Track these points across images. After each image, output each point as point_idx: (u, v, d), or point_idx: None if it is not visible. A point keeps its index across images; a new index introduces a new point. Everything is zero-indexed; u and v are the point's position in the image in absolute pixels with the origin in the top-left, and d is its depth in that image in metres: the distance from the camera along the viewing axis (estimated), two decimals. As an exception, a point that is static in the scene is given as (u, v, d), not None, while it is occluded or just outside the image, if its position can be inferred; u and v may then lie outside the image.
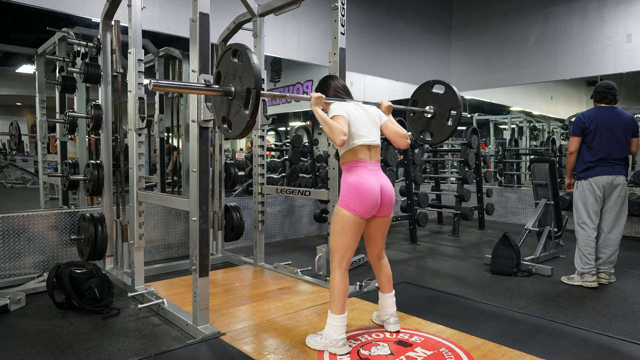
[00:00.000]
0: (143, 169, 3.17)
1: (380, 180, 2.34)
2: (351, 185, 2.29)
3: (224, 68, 2.17)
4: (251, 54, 1.99)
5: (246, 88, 2.01)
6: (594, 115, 3.57)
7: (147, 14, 4.24)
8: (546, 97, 8.27)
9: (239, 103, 2.07)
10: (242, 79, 2.04)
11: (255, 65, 1.96)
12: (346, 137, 2.22)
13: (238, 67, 2.06)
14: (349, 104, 2.40)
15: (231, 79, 2.12)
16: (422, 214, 5.57)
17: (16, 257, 3.55)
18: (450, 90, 2.99)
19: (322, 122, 2.27)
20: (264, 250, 4.16)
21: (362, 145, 2.34)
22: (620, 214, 3.62)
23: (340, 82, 2.55)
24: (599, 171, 3.54)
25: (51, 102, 4.60)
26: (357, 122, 2.35)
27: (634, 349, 2.39)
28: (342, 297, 2.29)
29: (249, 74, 1.97)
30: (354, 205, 2.26)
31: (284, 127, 9.14)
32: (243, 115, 2.04)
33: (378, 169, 2.39)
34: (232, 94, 2.11)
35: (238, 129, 2.11)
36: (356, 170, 2.32)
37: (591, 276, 3.58)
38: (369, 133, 2.38)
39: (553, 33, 6.59)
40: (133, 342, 2.46)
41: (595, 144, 3.54)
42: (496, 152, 8.43)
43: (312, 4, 5.66)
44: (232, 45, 2.11)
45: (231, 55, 2.11)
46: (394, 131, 2.50)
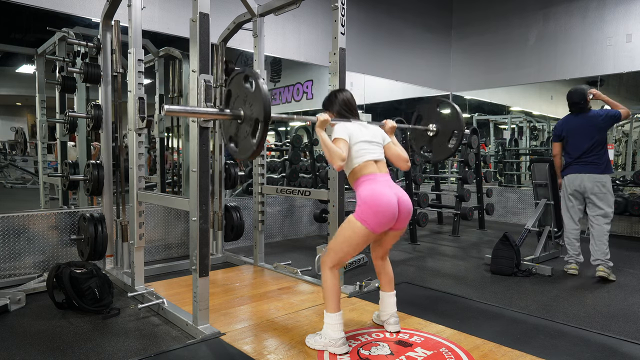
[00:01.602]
0: (143, 169, 3.18)
1: (396, 192, 2.29)
2: (365, 200, 2.23)
3: (234, 89, 2.19)
4: (263, 85, 1.99)
5: (255, 118, 2.03)
6: (565, 124, 4.04)
7: (147, 14, 4.24)
8: (546, 97, 8.26)
9: (247, 129, 2.09)
10: (252, 106, 2.06)
11: (266, 97, 1.97)
12: (344, 163, 2.24)
13: (249, 93, 2.08)
14: (352, 125, 2.41)
15: (241, 102, 2.13)
16: (422, 214, 5.57)
17: (16, 257, 3.55)
18: (455, 112, 3.01)
19: (323, 145, 2.29)
20: (264, 250, 4.16)
21: (368, 161, 2.34)
22: (598, 209, 3.84)
23: (346, 96, 2.54)
24: (572, 170, 3.96)
25: (51, 102, 4.59)
26: (360, 141, 2.35)
27: (634, 349, 2.39)
28: (335, 295, 2.29)
29: (259, 104, 1.99)
30: (368, 219, 2.20)
31: (284, 127, 9.14)
32: (250, 143, 2.08)
33: (390, 179, 2.36)
34: (241, 118, 2.13)
35: (244, 154, 2.15)
36: (369, 184, 2.29)
37: (569, 264, 4.03)
38: (373, 150, 2.38)
39: (553, 33, 6.59)
40: (133, 342, 2.46)
41: (569, 148, 3.99)
42: (496, 152, 8.43)
43: (312, 4, 5.66)
44: (245, 70, 2.12)
45: (243, 80, 2.12)
46: (396, 153, 2.52)
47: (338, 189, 3.18)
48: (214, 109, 2.24)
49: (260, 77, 2.01)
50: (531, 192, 5.43)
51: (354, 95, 2.57)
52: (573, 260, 4.01)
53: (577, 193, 3.94)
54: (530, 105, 8.68)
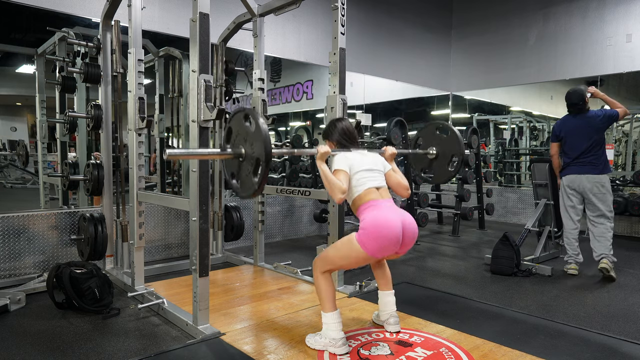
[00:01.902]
0: (143, 169, 3.18)
1: (401, 217, 2.25)
2: (370, 223, 2.19)
3: (235, 126, 2.20)
4: (263, 125, 2.00)
5: (256, 157, 2.05)
6: (563, 124, 4.05)
7: (147, 14, 4.24)
8: (546, 97, 8.27)
9: (249, 168, 2.11)
10: (252, 146, 2.08)
11: (266, 137, 1.99)
12: (344, 195, 2.24)
13: (249, 132, 2.09)
14: (352, 154, 2.41)
15: (242, 140, 2.14)
16: (422, 214, 5.56)
17: (16, 257, 3.55)
18: (454, 136, 3.02)
19: (323, 178, 2.29)
20: (264, 250, 4.16)
21: (369, 188, 2.33)
22: (598, 209, 3.87)
23: (345, 125, 2.54)
24: (570, 170, 3.98)
25: (51, 102, 4.59)
26: (361, 170, 2.35)
27: (634, 349, 2.39)
28: (330, 296, 2.30)
29: (260, 144, 2.00)
30: (369, 244, 2.17)
31: (284, 127, 9.14)
32: (252, 182, 2.09)
33: (393, 204, 2.34)
34: (242, 156, 2.14)
35: (246, 192, 2.15)
36: (372, 210, 2.25)
37: (568, 264, 4.02)
38: (374, 177, 2.38)
39: (553, 33, 6.59)
40: (133, 342, 2.46)
41: (567, 149, 4.00)
42: (496, 152, 8.43)
43: (312, 4, 5.66)
44: (245, 110, 2.13)
45: (243, 118, 2.13)
46: (396, 181, 2.51)
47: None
48: (215, 149, 2.28)
49: (260, 117, 2.03)
50: (531, 192, 5.43)
51: (356, 137, 2.56)
52: (572, 260, 4.01)
53: (576, 193, 3.96)
54: (530, 105, 8.68)
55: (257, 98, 3.86)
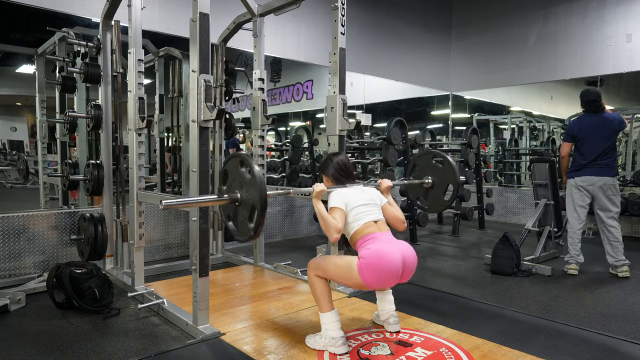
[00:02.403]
0: (143, 169, 3.17)
1: (401, 250, 2.23)
2: (369, 257, 2.17)
3: (231, 170, 2.21)
4: (258, 173, 2.02)
5: (251, 205, 2.06)
6: (580, 124, 3.93)
7: (147, 14, 4.24)
8: (546, 97, 8.26)
9: (245, 213, 2.12)
10: (248, 192, 2.09)
11: (262, 185, 2.00)
12: (339, 235, 2.23)
13: (245, 178, 2.10)
14: (348, 190, 2.41)
15: (237, 185, 2.16)
16: (422, 214, 5.56)
17: (16, 257, 3.55)
18: (450, 166, 3.02)
19: (319, 216, 2.30)
20: (264, 250, 4.16)
21: (367, 222, 2.32)
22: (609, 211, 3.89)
23: (341, 160, 2.55)
24: (586, 172, 3.89)
25: (51, 102, 4.59)
26: (357, 206, 2.35)
27: (634, 349, 2.39)
28: (325, 296, 2.30)
29: (255, 191, 2.02)
30: (368, 276, 2.16)
31: (284, 127, 9.14)
32: (247, 227, 2.10)
33: (393, 237, 2.33)
34: (238, 201, 2.16)
35: (243, 237, 2.17)
36: (371, 243, 2.24)
37: (569, 264, 4.00)
38: (371, 212, 2.37)
39: (553, 33, 6.59)
40: (133, 342, 2.46)
41: (584, 150, 3.89)
42: (496, 152, 8.43)
43: (312, 4, 5.66)
44: (240, 156, 2.14)
45: (239, 164, 2.14)
46: (393, 215, 2.50)
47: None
48: (212, 196, 2.27)
49: (255, 165, 2.04)
50: (531, 192, 5.43)
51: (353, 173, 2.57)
52: (573, 261, 4.00)
53: (588, 194, 3.91)
54: (530, 105, 8.67)
55: (257, 98, 3.86)
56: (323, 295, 2.30)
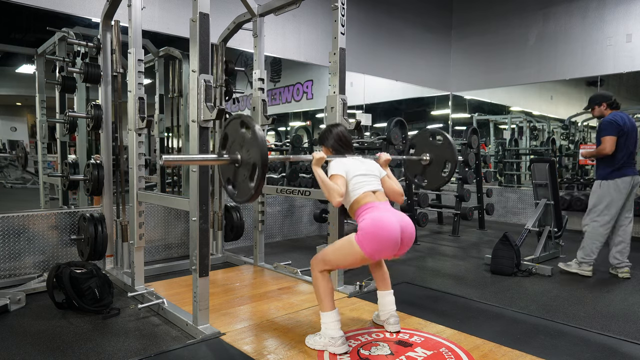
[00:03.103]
0: (143, 169, 3.18)
1: (399, 219, 2.26)
2: (368, 225, 2.20)
3: (231, 132, 2.20)
4: (259, 132, 2.02)
5: (252, 163, 2.05)
6: (624, 118, 3.73)
7: (147, 14, 4.24)
8: (546, 97, 8.26)
9: (245, 173, 2.11)
10: (249, 152, 2.08)
11: (263, 144, 2.00)
12: (342, 199, 2.26)
13: (246, 138, 2.10)
14: (348, 160, 2.42)
15: (238, 146, 2.15)
16: (422, 214, 5.56)
17: (16, 257, 3.55)
18: (448, 142, 3.03)
19: (320, 182, 2.31)
20: (264, 250, 4.16)
21: (366, 192, 2.34)
22: (629, 211, 3.87)
23: (340, 131, 2.55)
24: (625, 172, 3.74)
25: (51, 102, 4.59)
26: (358, 175, 2.37)
27: (634, 349, 2.39)
28: (328, 295, 2.30)
29: (256, 150, 2.02)
30: (369, 246, 2.18)
31: (284, 127, 9.14)
32: (248, 187, 2.10)
33: (391, 207, 2.35)
34: (238, 162, 2.15)
35: (243, 197, 2.16)
36: (370, 212, 2.26)
37: (588, 266, 3.86)
38: (370, 182, 2.40)
39: (553, 33, 6.59)
40: (133, 342, 2.46)
41: (624, 146, 3.72)
42: (496, 152, 8.43)
43: (312, 4, 5.66)
44: (241, 117, 2.13)
45: (239, 125, 2.13)
46: (391, 187, 2.53)
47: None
48: (212, 155, 2.27)
49: (256, 125, 2.04)
50: (531, 192, 5.43)
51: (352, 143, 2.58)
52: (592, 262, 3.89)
53: (626, 194, 3.76)
54: (530, 105, 8.67)
55: (257, 98, 3.86)
56: (325, 294, 2.30)
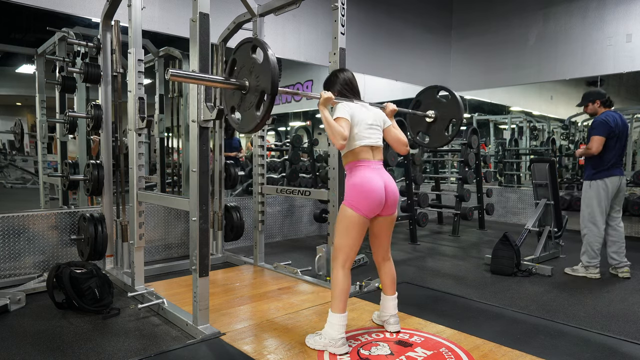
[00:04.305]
0: (143, 169, 3.17)
1: (384, 178, 2.36)
2: (355, 184, 2.31)
3: (240, 58, 2.13)
4: (272, 57, 1.95)
5: (261, 89, 1.99)
6: (616, 119, 3.72)
7: (147, 14, 4.23)
8: (546, 97, 8.27)
9: (252, 100, 2.05)
10: (258, 78, 2.01)
11: (275, 69, 1.93)
12: (345, 142, 2.26)
13: (255, 64, 2.03)
14: (355, 105, 2.42)
15: (246, 72, 2.08)
16: (422, 214, 5.57)
17: (16, 257, 3.55)
18: (455, 100, 2.98)
19: (325, 122, 2.30)
20: (264, 250, 4.16)
21: (365, 146, 2.37)
22: (619, 211, 3.93)
23: (347, 76, 2.54)
24: (613, 172, 3.76)
25: (51, 102, 4.59)
26: (361, 123, 2.37)
27: (634, 349, 2.39)
28: (344, 296, 2.30)
29: (267, 76, 1.95)
30: (359, 204, 2.28)
31: (284, 127, 9.14)
32: (254, 115, 2.04)
33: (381, 167, 2.42)
34: (245, 89, 2.09)
35: (247, 126, 2.11)
36: (359, 170, 2.34)
37: (595, 269, 3.84)
38: (371, 134, 2.41)
39: (553, 33, 6.59)
40: (133, 342, 2.46)
41: (616, 148, 3.73)
42: (496, 152, 8.43)
43: (312, 4, 5.66)
44: (253, 40, 2.07)
45: (250, 50, 2.08)
46: (395, 137, 2.54)
47: (338, 189, 3.18)
48: (218, 77, 2.20)
49: (270, 49, 1.95)
50: (531, 192, 5.43)
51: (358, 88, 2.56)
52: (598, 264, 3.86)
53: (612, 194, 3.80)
54: (530, 105, 8.68)
55: (257, 98, 3.85)
56: (342, 294, 2.30)
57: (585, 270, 3.88)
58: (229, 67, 2.21)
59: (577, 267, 3.94)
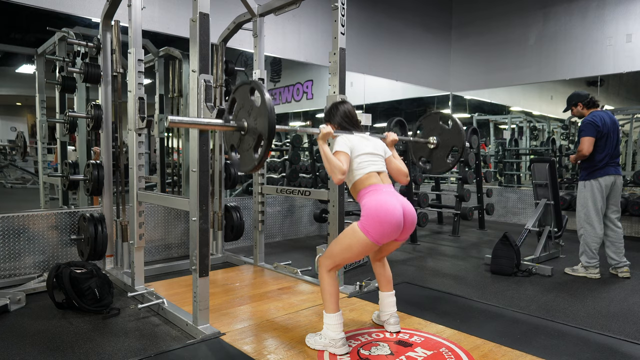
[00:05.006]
0: (143, 169, 3.17)
1: (400, 202, 2.26)
2: (371, 209, 2.20)
3: (239, 98, 2.17)
4: (269, 101, 1.97)
5: (259, 133, 2.01)
6: (604, 118, 3.74)
7: (147, 14, 4.24)
8: (546, 97, 8.26)
9: (250, 143, 2.08)
10: (256, 120, 2.04)
11: (272, 113, 1.95)
12: (344, 177, 2.23)
13: (254, 106, 2.06)
14: (354, 137, 2.41)
15: (245, 113, 2.11)
16: (422, 214, 5.56)
17: (16, 257, 3.55)
18: (456, 127, 2.99)
19: (324, 157, 2.28)
20: (264, 250, 4.16)
21: (370, 172, 2.33)
22: (617, 211, 3.91)
23: (347, 108, 2.54)
24: (607, 171, 3.76)
25: (51, 102, 4.59)
26: (362, 153, 2.36)
27: (634, 349, 2.39)
28: (333, 297, 2.30)
29: (264, 119, 1.97)
30: (373, 230, 2.17)
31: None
32: (252, 157, 2.07)
33: (394, 190, 2.35)
34: (245, 130, 2.11)
35: (246, 167, 2.14)
36: (372, 195, 2.26)
37: (594, 269, 3.84)
38: (375, 161, 2.39)
39: (553, 33, 6.59)
40: (133, 342, 2.46)
41: (608, 146, 3.75)
42: (496, 152, 8.43)
43: (312, 4, 5.66)
44: (251, 83, 2.09)
45: (249, 92, 2.10)
46: (396, 167, 2.52)
47: (338, 189, 3.18)
48: (218, 120, 2.23)
49: (267, 92, 1.98)
50: (531, 192, 5.43)
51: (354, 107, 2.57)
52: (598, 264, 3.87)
53: (607, 194, 3.81)
54: (530, 105, 8.67)
55: (257, 98, 3.85)
56: (331, 295, 2.29)
57: (585, 271, 3.88)
58: (229, 105, 2.25)
59: (577, 267, 3.94)
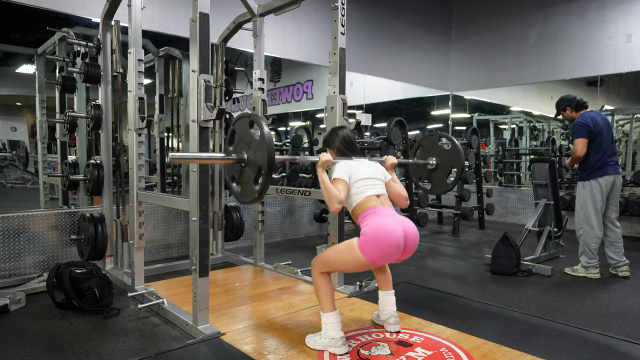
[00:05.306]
0: (143, 169, 3.18)
1: (401, 223, 2.24)
2: (371, 230, 2.17)
3: (239, 130, 2.19)
4: (268, 135, 2.00)
5: (259, 165, 2.04)
6: (594, 118, 3.75)
7: (147, 14, 4.23)
8: (546, 97, 8.25)
9: (250, 175, 2.10)
10: (256, 153, 2.06)
11: (271, 147, 1.98)
12: (341, 205, 2.24)
13: (253, 139, 2.08)
14: (353, 162, 2.41)
15: (245, 145, 2.14)
16: (422, 214, 5.56)
17: (16, 257, 3.55)
18: (455, 148, 3.00)
19: (322, 186, 2.29)
20: (264, 250, 4.16)
21: (370, 196, 2.33)
22: (616, 211, 3.92)
23: (346, 133, 2.54)
24: (607, 171, 3.75)
25: (51, 102, 4.59)
26: (361, 178, 2.35)
27: (634, 349, 2.39)
28: (328, 296, 2.30)
29: (264, 153, 2.00)
30: (371, 251, 2.15)
31: (284, 127, 9.13)
32: (252, 189, 2.09)
33: (394, 212, 2.33)
34: (245, 162, 2.14)
35: (246, 198, 2.17)
36: (373, 217, 2.24)
37: (594, 269, 3.84)
38: (374, 185, 2.38)
39: (553, 33, 6.59)
40: (133, 342, 2.46)
41: (603, 146, 3.75)
42: (496, 152, 8.43)
43: (312, 4, 5.66)
44: (250, 116, 2.11)
45: (248, 125, 2.12)
46: (396, 191, 2.51)
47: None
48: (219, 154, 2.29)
49: (266, 126, 2.01)
50: (531, 192, 5.43)
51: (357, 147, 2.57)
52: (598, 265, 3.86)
53: (606, 194, 3.80)
54: (530, 105, 8.68)
55: (257, 98, 3.86)
56: (326, 295, 2.30)
57: (585, 271, 3.88)
58: (229, 137, 2.27)
59: (577, 267, 3.94)
